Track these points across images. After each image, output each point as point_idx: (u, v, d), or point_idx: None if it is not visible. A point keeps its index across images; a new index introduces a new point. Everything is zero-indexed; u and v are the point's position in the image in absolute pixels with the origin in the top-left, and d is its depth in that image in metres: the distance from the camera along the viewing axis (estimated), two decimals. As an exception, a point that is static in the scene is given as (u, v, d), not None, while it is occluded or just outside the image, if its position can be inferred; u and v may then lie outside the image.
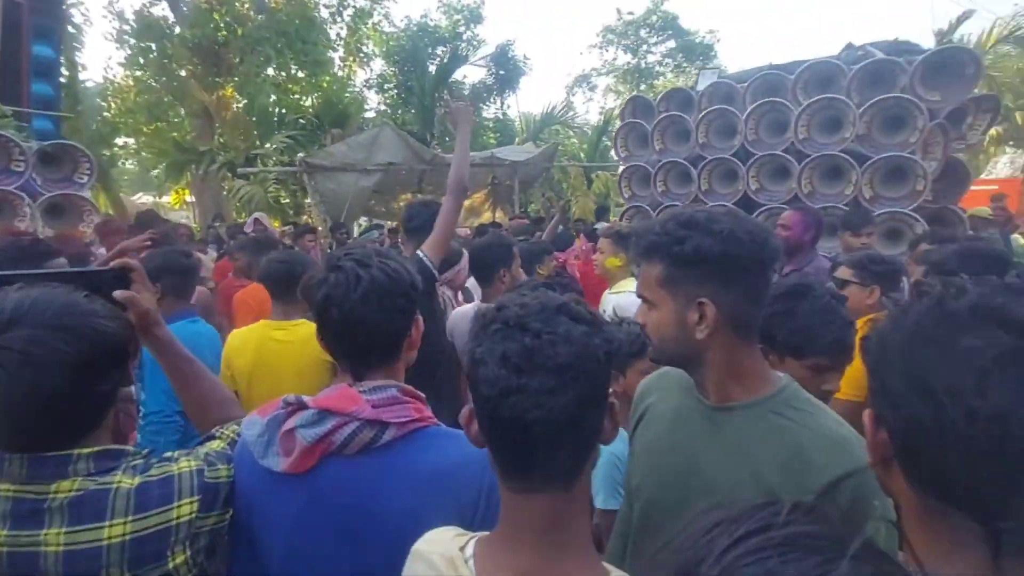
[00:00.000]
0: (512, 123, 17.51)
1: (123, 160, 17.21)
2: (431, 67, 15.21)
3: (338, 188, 8.05)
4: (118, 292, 1.02)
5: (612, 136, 6.47)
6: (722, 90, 5.27)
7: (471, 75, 18.18)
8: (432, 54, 16.22)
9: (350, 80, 16.12)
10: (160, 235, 3.40)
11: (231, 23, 13.05)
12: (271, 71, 13.81)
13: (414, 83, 14.47)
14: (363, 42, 16.49)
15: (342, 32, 15.75)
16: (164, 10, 13.70)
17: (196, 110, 13.06)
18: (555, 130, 16.46)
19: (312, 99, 14.04)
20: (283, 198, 12.58)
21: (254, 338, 2.24)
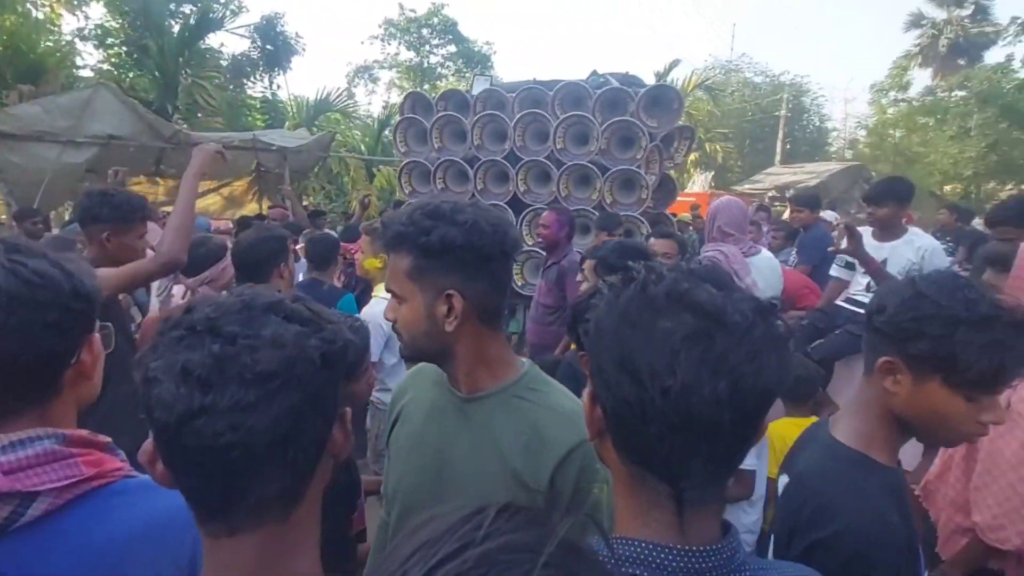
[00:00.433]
0: (282, 105, 16.07)
1: None
2: (174, 25, 13.02)
3: (28, 163, 6.07)
4: None
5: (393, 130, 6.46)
6: (495, 97, 5.70)
7: (232, 44, 16.09)
8: (176, 12, 13.90)
9: (54, 25, 12.78)
10: None
11: None
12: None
13: (151, 43, 12.17)
14: (71, -23, 13.19)
15: (37, -40, 12.36)
16: None
17: None
18: (335, 119, 15.60)
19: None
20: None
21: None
